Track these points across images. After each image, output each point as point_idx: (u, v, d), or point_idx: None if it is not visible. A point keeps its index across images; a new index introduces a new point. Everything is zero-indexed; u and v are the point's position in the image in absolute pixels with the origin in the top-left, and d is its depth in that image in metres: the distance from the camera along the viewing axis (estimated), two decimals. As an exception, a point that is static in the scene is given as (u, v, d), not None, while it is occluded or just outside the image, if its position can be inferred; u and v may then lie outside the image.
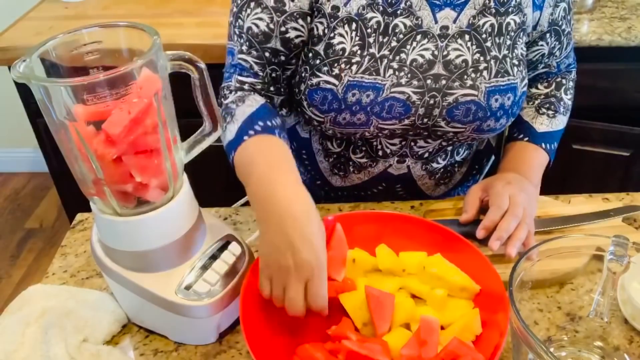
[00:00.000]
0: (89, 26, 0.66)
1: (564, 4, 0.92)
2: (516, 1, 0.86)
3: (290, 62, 0.90)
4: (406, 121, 0.88)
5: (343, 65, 0.85)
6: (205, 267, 0.72)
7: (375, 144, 0.94)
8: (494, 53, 0.87)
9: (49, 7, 1.81)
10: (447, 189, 1.05)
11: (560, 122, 1.00)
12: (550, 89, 1.02)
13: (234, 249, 0.75)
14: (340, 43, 0.85)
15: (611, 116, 1.61)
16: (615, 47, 1.51)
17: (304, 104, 0.89)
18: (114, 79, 0.58)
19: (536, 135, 0.98)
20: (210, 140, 0.73)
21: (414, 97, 0.86)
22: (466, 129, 0.90)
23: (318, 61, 0.86)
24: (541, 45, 0.95)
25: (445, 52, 0.86)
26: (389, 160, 0.96)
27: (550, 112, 1.00)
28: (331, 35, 0.85)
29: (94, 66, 0.65)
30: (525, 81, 0.91)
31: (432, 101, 0.87)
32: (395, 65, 0.85)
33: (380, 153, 0.96)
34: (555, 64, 1.00)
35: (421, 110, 0.87)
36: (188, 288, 0.70)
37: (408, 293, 0.75)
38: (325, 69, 0.85)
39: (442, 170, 1.00)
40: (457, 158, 1.00)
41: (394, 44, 0.85)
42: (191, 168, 0.75)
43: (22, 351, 0.71)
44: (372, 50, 0.85)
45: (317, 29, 0.86)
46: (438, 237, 0.78)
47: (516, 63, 0.89)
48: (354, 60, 0.85)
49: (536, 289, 0.75)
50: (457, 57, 0.86)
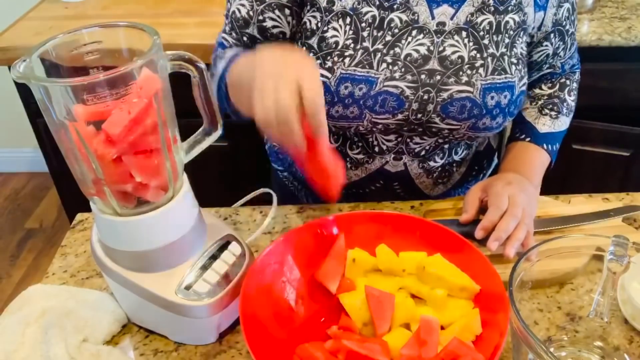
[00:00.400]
0: (88, 26, 0.66)
1: (567, 5, 0.92)
2: (516, 0, 0.86)
3: None
4: (400, 116, 0.88)
5: (336, 58, 0.85)
6: (205, 267, 0.72)
7: (371, 139, 0.95)
8: (491, 50, 0.87)
9: (48, 7, 1.81)
10: (446, 188, 1.05)
11: (562, 123, 1.00)
12: (553, 89, 1.02)
13: (234, 249, 0.75)
14: (333, 36, 0.86)
15: (611, 116, 1.61)
16: (615, 47, 1.51)
17: None
18: (114, 79, 0.58)
19: (538, 136, 0.98)
20: (210, 140, 0.73)
21: (408, 92, 0.86)
22: (461, 126, 0.90)
23: (311, 55, 0.87)
24: (545, 46, 0.95)
25: (441, 48, 0.86)
26: (385, 157, 0.96)
27: (553, 113, 1.00)
28: (324, 29, 0.86)
29: (94, 66, 0.65)
30: (524, 80, 0.91)
31: (426, 96, 0.87)
32: (389, 59, 0.85)
33: (377, 149, 0.96)
34: (559, 65, 1.00)
35: (415, 106, 0.87)
36: (188, 288, 0.70)
37: (408, 293, 0.75)
38: (318, 62, 0.86)
39: (439, 169, 1.00)
40: (455, 157, 1.00)
41: (388, 38, 0.85)
42: (191, 168, 0.75)
43: (22, 351, 0.71)
44: (365, 44, 0.85)
45: (310, 22, 0.87)
46: (438, 237, 0.78)
47: (515, 62, 0.89)
48: (346, 53, 0.85)
49: (536, 289, 0.75)
50: (453, 53, 0.86)
